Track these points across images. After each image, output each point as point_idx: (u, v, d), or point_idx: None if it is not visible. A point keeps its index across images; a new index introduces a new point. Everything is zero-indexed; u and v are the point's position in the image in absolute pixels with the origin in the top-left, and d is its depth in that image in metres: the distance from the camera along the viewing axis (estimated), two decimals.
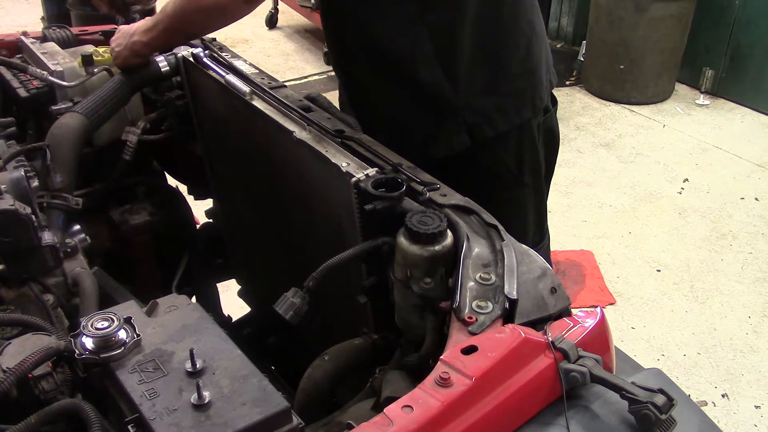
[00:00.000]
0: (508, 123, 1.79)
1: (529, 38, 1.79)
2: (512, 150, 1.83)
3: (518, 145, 1.83)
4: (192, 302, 1.16)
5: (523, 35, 1.77)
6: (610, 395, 1.01)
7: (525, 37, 1.78)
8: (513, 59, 1.78)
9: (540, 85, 1.84)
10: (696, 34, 5.54)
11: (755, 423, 2.92)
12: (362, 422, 0.92)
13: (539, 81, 1.83)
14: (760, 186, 4.59)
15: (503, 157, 1.83)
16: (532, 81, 1.82)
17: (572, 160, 4.83)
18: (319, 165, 1.47)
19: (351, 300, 1.51)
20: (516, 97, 1.79)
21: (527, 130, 1.84)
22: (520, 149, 1.84)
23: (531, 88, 1.82)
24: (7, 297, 1.31)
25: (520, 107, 1.80)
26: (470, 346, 1.01)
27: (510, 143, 1.83)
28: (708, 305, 3.58)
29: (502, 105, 1.78)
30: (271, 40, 6.94)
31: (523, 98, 1.81)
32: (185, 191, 2.31)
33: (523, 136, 1.83)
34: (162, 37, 1.70)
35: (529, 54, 1.80)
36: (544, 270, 1.18)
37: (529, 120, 1.83)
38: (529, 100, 1.82)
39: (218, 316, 2.35)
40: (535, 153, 1.87)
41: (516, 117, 1.80)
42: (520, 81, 1.80)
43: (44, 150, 1.52)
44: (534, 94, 1.82)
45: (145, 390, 0.95)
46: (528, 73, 1.81)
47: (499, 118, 1.78)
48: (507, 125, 1.79)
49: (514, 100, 1.79)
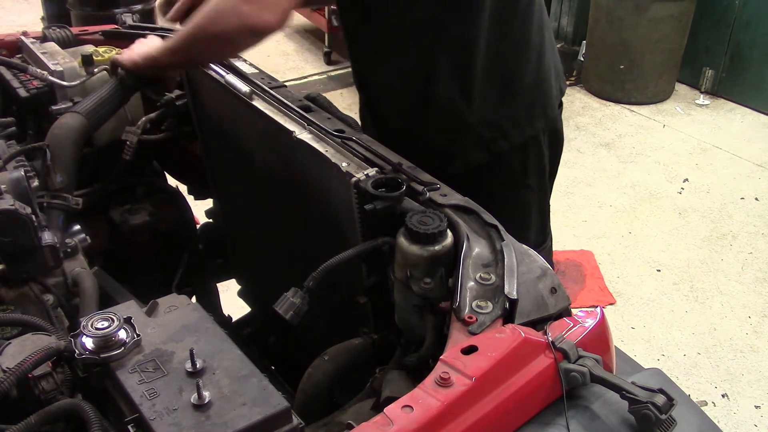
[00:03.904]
0: (522, 135, 1.79)
1: (540, 50, 1.78)
2: (518, 154, 1.83)
3: (524, 148, 1.82)
4: (192, 302, 1.16)
5: (534, 47, 1.77)
6: (610, 395, 1.01)
7: (536, 49, 1.77)
8: (525, 72, 1.77)
9: (550, 94, 1.83)
10: (696, 34, 5.55)
11: (755, 423, 2.92)
12: (362, 422, 0.92)
13: (550, 90, 1.83)
14: (760, 186, 4.59)
15: (508, 160, 1.83)
16: (544, 91, 1.82)
17: (572, 160, 4.83)
18: (319, 165, 1.47)
19: (351, 300, 1.51)
20: (529, 108, 1.79)
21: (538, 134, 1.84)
22: (526, 153, 1.83)
23: (543, 98, 1.82)
24: (7, 297, 1.31)
25: (532, 118, 1.80)
26: (470, 346, 1.01)
27: (521, 148, 1.82)
28: (708, 305, 3.58)
29: (516, 118, 1.78)
30: (271, 40, 6.91)
31: (536, 109, 1.81)
32: (185, 191, 2.31)
33: (529, 141, 1.83)
34: (167, 59, 1.67)
35: (541, 65, 1.79)
36: (544, 270, 1.18)
37: (544, 126, 1.83)
38: (541, 111, 1.82)
39: (218, 316, 2.35)
40: (540, 156, 1.87)
41: (529, 128, 1.80)
42: (533, 92, 1.79)
43: (44, 150, 1.52)
44: (546, 103, 1.82)
45: (145, 390, 0.95)
46: (540, 83, 1.80)
47: (514, 131, 1.78)
48: (521, 137, 1.79)
49: (528, 112, 1.79)
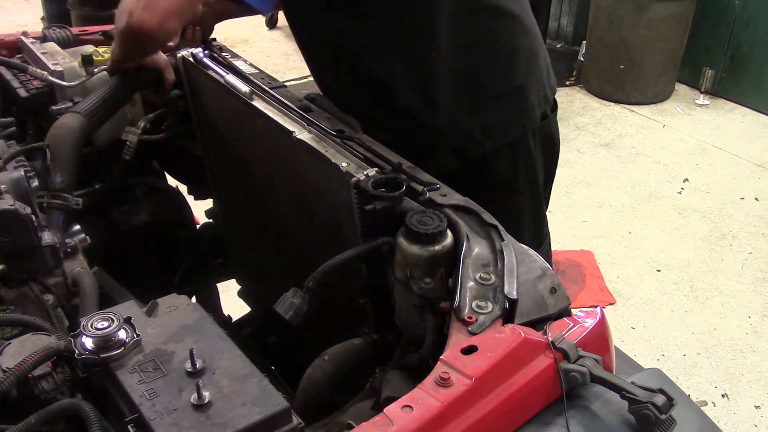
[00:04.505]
0: (495, 142, 1.77)
1: (510, 59, 1.76)
2: (506, 160, 1.81)
3: (512, 154, 1.80)
4: (192, 302, 1.16)
5: (504, 56, 1.75)
6: (610, 395, 1.01)
7: (505, 57, 1.75)
8: (494, 81, 1.75)
9: (527, 102, 1.80)
10: (696, 34, 5.55)
11: (755, 423, 2.92)
12: (362, 422, 0.92)
13: (527, 98, 1.79)
14: (760, 186, 4.59)
15: (496, 166, 1.81)
16: (519, 99, 1.79)
17: (572, 160, 4.83)
18: (319, 165, 1.47)
19: (351, 300, 1.51)
20: (501, 116, 1.77)
21: (522, 141, 1.81)
22: (515, 158, 1.81)
23: (518, 106, 1.79)
24: (7, 297, 1.31)
25: (506, 126, 1.78)
26: (470, 346, 1.01)
27: (503, 154, 1.80)
28: (708, 305, 3.58)
29: (487, 125, 1.76)
30: (271, 40, 6.94)
31: (510, 117, 1.78)
32: (185, 191, 2.31)
33: (517, 147, 1.81)
34: (116, 55, 1.69)
35: (512, 73, 1.77)
36: (544, 270, 1.18)
37: (522, 134, 1.81)
38: (516, 119, 1.79)
39: (218, 316, 2.35)
40: (531, 161, 1.84)
41: (503, 136, 1.77)
42: (505, 101, 1.77)
43: (44, 150, 1.52)
44: (522, 112, 1.79)
45: (145, 390, 0.95)
46: (513, 92, 1.78)
47: (485, 139, 1.76)
48: (494, 145, 1.77)
49: (500, 120, 1.77)
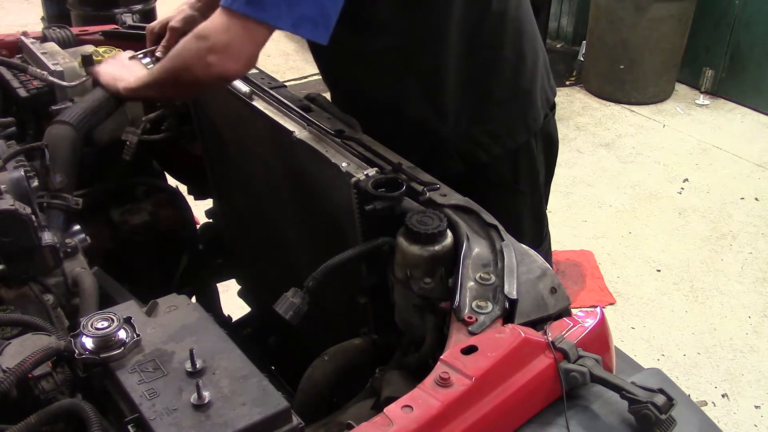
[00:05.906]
0: (502, 147, 1.78)
1: (516, 64, 1.76)
2: (509, 161, 1.81)
3: (513, 155, 1.81)
4: (192, 302, 1.16)
5: (508, 62, 1.75)
6: (610, 395, 1.01)
7: (510, 64, 1.75)
8: (500, 87, 1.76)
9: (533, 105, 1.81)
10: (696, 34, 5.54)
11: (755, 423, 2.91)
12: (362, 422, 0.92)
13: (532, 101, 1.81)
14: (760, 186, 4.59)
15: (499, 168, 1.82)
16: (524, 103, 1.80)
17: (572, 160, 4.83)
18: (319, 165, 1.47)
19: (351, 300, 1.51)
20: (507, 121, 1.78)
21: (526, 143, 1.81)
22: (516, 159, 1.82)
23: (523, 110, 1.80)
24: (7, 297, 1.31)
25: (513, 131, 1.79)
26: (470, 346, 1.01)
27: (507, 156, 1.81)
28: (708, 305, 3.57)
29: (494, 131, 1.77)
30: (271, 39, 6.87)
31: (516, 122, 1.79)
32: (185, 191, 2.31)
33: (521, 149, 1.81)
34: (144, 92, 1.69)
35: (517, 78, 1.77)
36: (544, 270, 1.18)
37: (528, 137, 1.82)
38: (522, 123, 1.80)
39: (218, 316, 2.35)
40: (532, 160, 1.85)
41: (510, 140, 1.79)
42: (510, 106, 1.78)
43: (43, 150, 1.52)
44: (527, 115, 1.80)
45: (145, 390, 0.95)
46: (518, 96, 1.79)
47: (492, 144, 1.77)
48: (500, 149, 1.78)
49: (507, 125, 1.78)
